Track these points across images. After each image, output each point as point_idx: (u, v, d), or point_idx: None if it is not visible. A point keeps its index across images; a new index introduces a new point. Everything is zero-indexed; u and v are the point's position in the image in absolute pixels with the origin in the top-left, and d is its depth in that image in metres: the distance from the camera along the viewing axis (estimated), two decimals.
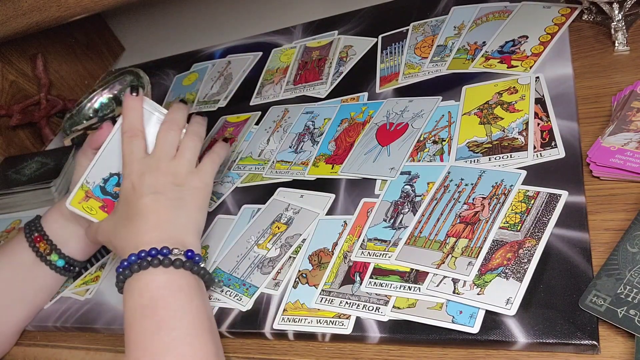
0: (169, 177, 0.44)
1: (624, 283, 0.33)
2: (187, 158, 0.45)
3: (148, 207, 0.42)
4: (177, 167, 0.44)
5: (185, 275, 0.40)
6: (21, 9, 0.63)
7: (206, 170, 0.46)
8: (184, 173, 0.44)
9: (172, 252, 0.40)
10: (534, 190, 0.41)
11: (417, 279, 0.39)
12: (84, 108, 0.80)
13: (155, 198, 0.42)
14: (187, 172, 0.45)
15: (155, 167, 0.44)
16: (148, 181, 0.43)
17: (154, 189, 0.43)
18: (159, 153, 0.45)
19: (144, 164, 0.44)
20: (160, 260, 0.39)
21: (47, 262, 0.50)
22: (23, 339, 0.55)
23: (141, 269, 0.39)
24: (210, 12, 0.88)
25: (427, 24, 0.62)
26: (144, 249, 0.40)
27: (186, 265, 0.40)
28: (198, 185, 0.45)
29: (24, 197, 0.68)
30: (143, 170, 0.44)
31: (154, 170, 0.44)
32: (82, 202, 0.47)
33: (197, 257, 0.41)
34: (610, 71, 0.46)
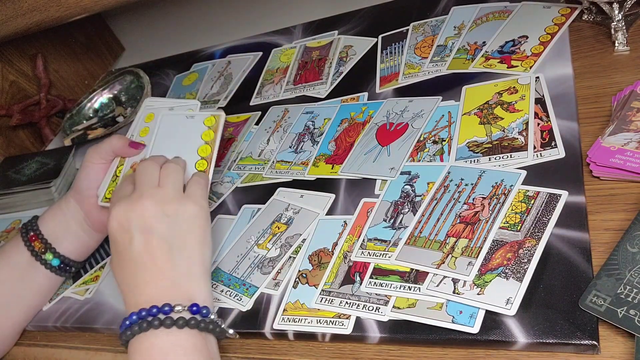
0: (155, 209, 0.39)
1: (624, 283, 0.33)
2: (171, 182, 0.41)
3: (141, 251, 0.38)
4: (163, 194, 0.40)
5: (191, 334, 0.36)
6: (21, 9, 0.63)
7: (195, 192, 0.42)
8: (171, 199, 0.40)
9: (174, 309, 0.36)
10: (534, 190, 0.41)
11: (417, 279, 0.39)
12: (84, 108, 0.80)
13: (147, 239, 0.38)
14: (176, 197, 0.40)
15: (137, 198, 0.40)
16: (134, 218, 0.39)
17: (142, 226, 0.38)
18: (139, 185, 0.41)
19: (127, 200, 0.40)
20: (162, 320, 0.35)
21: (42, 261, 0.50)
22: (23, 339, 0.55)
23: (142, 331, 0.35)
24: (210, 12, 0.88)
25: (427, 24, 0.62)
26: (144, 307, 0.36)
27: (191, 324, 0.36)
28: (192, 209, 0.40)
29: (24, 197, 0.68)
30: (126, 206, 0.39)
31: (137, 203, 0.39)
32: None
33: (205, 310, 0.37)
34: (610, 71, 0.46)
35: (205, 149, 0.47)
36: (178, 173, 0.42)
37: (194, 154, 0.47)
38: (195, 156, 0.47)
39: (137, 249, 0.38)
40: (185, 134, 0.49)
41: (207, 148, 0.48)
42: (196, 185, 0.43)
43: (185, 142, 0.48)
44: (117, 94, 0.80)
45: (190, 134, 0.49)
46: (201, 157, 0.47)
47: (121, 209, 0.40)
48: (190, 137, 0.48)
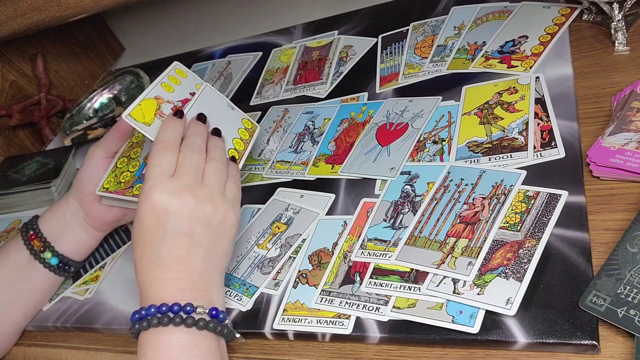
0: (198, 209, 0.38)
1: (624, 283, 0.33)
2: (214, 182, 0.39)
3: (172, 249, 0.37)
4: (206, 194, 0.38)
5: (206, 336, 0.36)
6: (21, 9, 0.63)
7: (234, 196, 0.40)
8: (213, 201, 0.38)
9: (195, 310, 0.36)
10: (534, 190, 0.41)
11: (417, 279, 0.39)
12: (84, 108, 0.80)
13: (180, 239, 0.37)
14: (217, 199, 0.39)
15: (180, 189, 0.38)
16: (173, 211, 0.37)
17: (180, 225, 0.37)
18: (183, 173, 0.39)
19: (169, 185, 0.38)
20: (183, 318, 0.35)
21: (40, 260, 0.50)
22: (23, 339, 0.55)
23: (160, 325, 0.35)
24: (210, 12, 0.88)
25: (427, 24, 0.62)
26: (166, 303, 0.36)
27: (210, 326, 0.36)
28: (232, 221, 0.39)
29: (24, 197, 0.68)
30: (167, 193, 0.37)
31: (179, 195, 0.37)
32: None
33: (222, 314, 0.37)
34: (610, 71, 0.46)
35: (239, 143, 0.46)
36: (222, 174, 0.41)
37: (229, 142, 0.45)
38: (229, 143, 0.45)
39: (167, 245, 0.37)
40: (224, 119, 0.47)
41: (241, 143, 0.46)
42: (235, 187, 0.41)
43: (223, 125, 0.46)
44: (117, 94, 0.80)
45: (230, 122, 0.47)
46: (235, 148, 0.46)
47: (161, 195, 0.37)
48: (229, 124, 0.46)
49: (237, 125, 0.47)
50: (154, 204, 0.37)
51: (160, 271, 0.37)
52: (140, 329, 0.36)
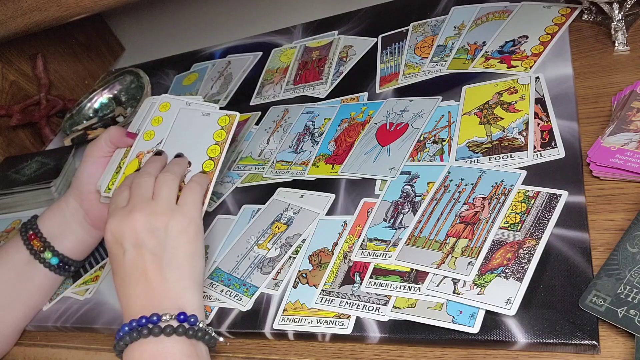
0: (146, 222, 0.39)
1: (624, 283, 0.33)
2: (163, 195, 0.41)
3: (133, 265, 0.39)
4: (154, 207, 0.40)
5: (179, 342, 0.37)
6: (21, 9, 0.63)
7: (187, 202, 0.41)
8: (162, 212, 0.40)
9: (162, 319, 0.37)
10: (534, 190, 0.41)
11: (417, 279, 0.39)
12: (84, 108, 0.80)
13: (138, 253, 0.39)
14: (166, 210, 0.40)
15: (129, 211, 0.40)
16: (126, 231, 0.39)
17: (134, 240, 0.39)
18: (133, 198, 0.41)
19: (121, 213, 0.41)
20: (150, 329, 0.37)
21: (40, 259, 0.50)
22: (23, 339, 0.55)
23: (132, 340, 0.37)
24: (210, 12, 0.88)
25: (427, 24, 0.62)
26: (134, 318, 0.38)
27: (178, 331, 0.37)
28: (181, 224, 0.40)
29: (24, 197, 0.68)
30: (120, 219, 0.40)
31: (129, 217, 0.40)
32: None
33: (192, 318, 0.38)
34: (610, 71, 0.46)
35: (214, 149, 0.47)
36: (172, 184, 0.42)
37: (203, 153, 0.47)
38: (203, 156, 0.47)
39: (129, 263, 0.39)
40: (199, 131, 0.48)
41: (217, 148, 0.47)
42: (190, 194, 0.42)
43: (196, 139, 0.48)
44: (117, 94, 0.80)
45: (203, 132, 0.48)
46: (209, 157, 0.47)
47: (115, 222, 0.40)
48: (202, 135, 0.48)
49: (213, 129, 0.48)
50: (111, 231, 0.40)
51: (129, 289, 0.39)
52: (120, 349, 0.38)
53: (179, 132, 0.49)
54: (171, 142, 0.48)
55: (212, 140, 0.48)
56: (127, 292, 0.39)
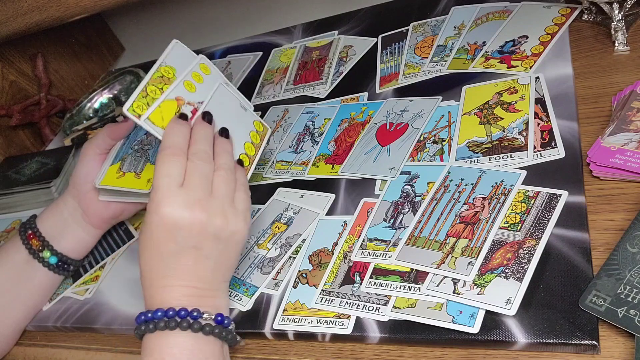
0: (207, 225, 0.37)
1: (624, 283, 0.33)
2: (224, 194, 0.39)
3: (181, 262, 0.37)
4: (215, 207, 0.38)
5: (211, 341, 0.37)
6: (21, 9, 0.63)
7: (244, 207, 0.40)
8: (222, 214, 0.38)
9: (202, 316, 0.37)
10: (534, 190, 0.41)
11: (417, 279, 0.39)
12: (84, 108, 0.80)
13: (191, 254, 0.37)
14: (226, 213, 0.38)
15: (192, 204, 0.37)
16: (184, 227, 0.37)
17: (191, 242, 0.37)
18: (192, 185, 0.37)
19: (180, 201, 0.37)
20: (190, 323, 0.36)
21: (39, 259, 0.50)
22: (23, 339, 0.55)
23: (167, 328, 0.36)
24: (210, 12, 0.88)
25: (427, 24, 0.62)
26: (173, 307, 0.36)
27: (215, 332, 0.37)
28: (242, 232, 0.39)
29: (24, 197, 0.68)
30: (177, 208, 0.37)
31: (189, 210, 0.37)
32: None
33: (227, 320, 0.38)
34: (610, 71, 0.46)
35: (250, 148, 0.45)
36: (232, 181, 0.40)
37: (240, 144, 0.44)
38: (240, 147, 0.44)
39: (177, 259, 0.38)
40: (236, 120, 0.45)
41: (252, 148, 0.45)
42: (245, 195, 0.40)
43: (235, 126, 0.44)
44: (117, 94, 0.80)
45: (240, 124, 0.45)
46: (245, 152, 0.44)
47: (171, 209, 0.37)
48: (240, 127, 0.45)
49: (249, 127, 0.46)
50: (164, 216, 0.37)
51: (167, 279, 0.38)
52: (146, 330, 0.37)
53: (218, 107, 0.44)
54: (212, 111, 0.43)
55: (248, 137, 0.45)
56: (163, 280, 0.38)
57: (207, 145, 0.40)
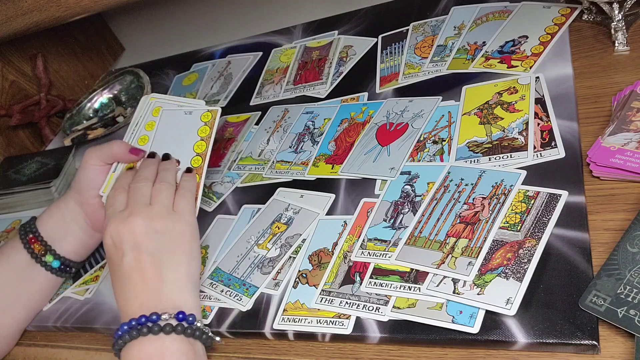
0: (145, 226, 0.41)
1: (624, 283, 0.33)
2: (161, 201, 0.42)
3: (132, 267, 0.40)
4: (152, 212, 0.41)
5: (177, 340, 0.38)
6: (21, 9, 0.63)
7: (183, 208, 0.43)
8: (160, 216, 0.41)
9: (161, 317, 0.38)
10: (534, 190, 0.41)
11: (417, 279, 0.39)
12: (84, 108, 0.80)
13: (136, 256, 0.40)
14: (164, 214, 0.42)
15: (128, 215, 0.41)
16: (125, 235, 0.40)
17: (132, 243, 0.40)
18: (131, 202, 0.42)
19: (120, 217, 0.41)
20: (150, 327, 0.37)
21: (42, 263, 0.50)
22: (23, 339, 0.55)
23: (132, 338, 0.37)
24: (210, 12, 0.88)
25: (427, 24, 0.62)
26: (134, 317, 0.38)
27: (177, 329, 0.37)
28: (179, 227, 0.42)
29: (24, 197, 0.68)
30: (118, 223, 0.41)
31: (128, 221, 0.41)
32: None
33: (191, 317, 0.39)
34: (610, 71, 0.46)
35: (200, 145, 0.49)
36: (169, 192, 0.44)
37: (190, 150, 0.49)
38: (191, 152, 0.49)
39: (128, 265, 0.40)
40: (183, 130, 0.50)
41: (203, 144, 0.49)
42: (184, 201, 0.44)
43: (182, 138, 0.49)
44: (117, 94, 0.80)
45: (188, 130, 0.50)
46: (196, 154, 0.48)
47: (113, 225, 0.41)
48: (187, 133, 0.50)
49: (196, 126, 0.50)
50: (110, 234, 0.41)
51: (127, 290, 0.40)
52: (118, 348, 0.38)
53: (165, 132, 0.50)
54: (159, 143, 0.50)
55: (197, 137, 0.49)
56: (125, 293, 0.40)
57: (147, 172, 0.45)
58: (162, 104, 0.52)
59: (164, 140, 0.50)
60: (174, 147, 0.49)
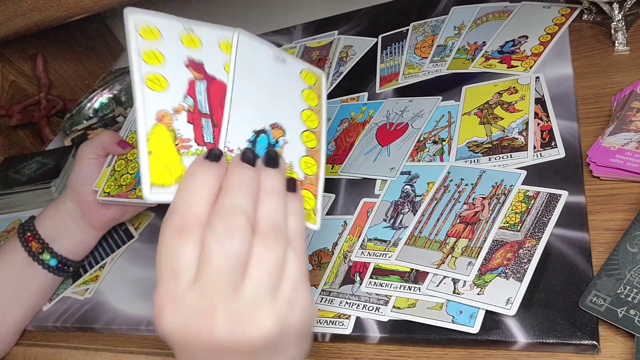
0: (231, 342, 0.23)
1: (624, 283, 0.33)
2: (265, 280, 0.24)
3: None
4: (245, 309, 0.23)
5: None
6: (21, 9, 0.63)
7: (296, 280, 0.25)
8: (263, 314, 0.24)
9: None
10: (534, 190, 0.41)
11: (417, 279, 0.39)
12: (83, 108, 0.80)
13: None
14: (269, 309, 0.24)
15: (202, 318, 0.23)
16: (197, 344, 0.24)
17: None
18: (208, 277, 0.24)
19: (184, 308, 0.24)
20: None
21: (39, 261, 0.50)
22: (23, 339, 0.55)
23: None
24: (210, 12, 0.88)
25: (427, 24, 0.62)
26: None
27: None
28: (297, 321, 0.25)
29: (24, 197, 0.68)
30: (181, 327, 0.24)
31: (202, 321, 0.23)
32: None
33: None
34: (610, 71, 0.46)
35: (311, 118, 0.29)
36: (280, 252, 0.24)
37: (296, 117, 0.29)
38: (299, 123, 0.29)
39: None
40: (276, 83, 0.29)
41: (314, 117, 0.29)
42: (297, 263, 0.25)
43: (277, 95, 0.29)
44: (117, 94, 0.80)
45: (285, 85, 0.29)
46: (308, 128, 0.29)
47: (170, 324, 0.24)
48: (285, 90, 0.29)
49: (299, 85, 0.29)
50: (165, 334, 0.24)
51: None
52: None
53: (246, 77, 0.28)
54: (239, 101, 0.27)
55: (302, 102, 0.29)
56: None
57: (241, 198, 0.24)
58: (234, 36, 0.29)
59: (246, 95, 0.28)
60: (267, 107, 0.28)
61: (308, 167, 0.29)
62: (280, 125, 0.28)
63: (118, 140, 0.49)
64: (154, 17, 0.27)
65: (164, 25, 0.28)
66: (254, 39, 0.29)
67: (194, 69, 0.27)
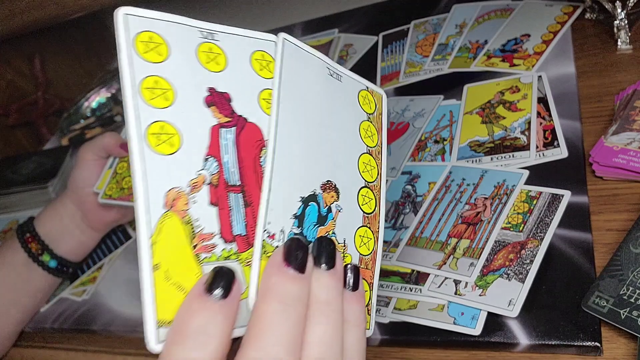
0: None
1: (626, 284, 0.33)
2: None
3: None
4: None
5: None
6: (19, 7, 0.62)
7: None
8: None
9: None
10: (537, 191, 0.40)
11: (418, 280, 0.39)
12: (81, 107, 0.80)
13: None
14: None
15: None
16: None
17: None
18: None
19: None
20: None
21: (39, 262, 0.50)
22: (21, 340, 0.54)
23: None
24: (209, 12, 0.88)
25: (428, 22, 0.61)
26: None
27: None
28: None
29: (21, 198, 0.68)
30: None
31: None
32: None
33: None
34: (613, 70, 0.46)
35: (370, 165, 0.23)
36: None
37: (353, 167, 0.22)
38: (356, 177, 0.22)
39: None
40: (330, 114, 0.22)
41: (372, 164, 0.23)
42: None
43: (331, 133, 0.22)
44: (115, 93, 0.80)
45: (341, 117, 0.23)
46: (366, 184, 0.23)
47: None
48: (341, 125, 0.22)
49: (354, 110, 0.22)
50: None
51: None
52: None
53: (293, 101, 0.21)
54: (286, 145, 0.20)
55: (361, 143, 0.22)
56: None
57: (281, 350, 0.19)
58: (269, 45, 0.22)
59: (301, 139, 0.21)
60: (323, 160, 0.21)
61: (364, 243, 0.22)
62: (334, 185, 0.20)
63: (120, 143, 0.48)
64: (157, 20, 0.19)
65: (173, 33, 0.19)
66: (301, 46, 0.21)
67: (218, 108, 0.18)
